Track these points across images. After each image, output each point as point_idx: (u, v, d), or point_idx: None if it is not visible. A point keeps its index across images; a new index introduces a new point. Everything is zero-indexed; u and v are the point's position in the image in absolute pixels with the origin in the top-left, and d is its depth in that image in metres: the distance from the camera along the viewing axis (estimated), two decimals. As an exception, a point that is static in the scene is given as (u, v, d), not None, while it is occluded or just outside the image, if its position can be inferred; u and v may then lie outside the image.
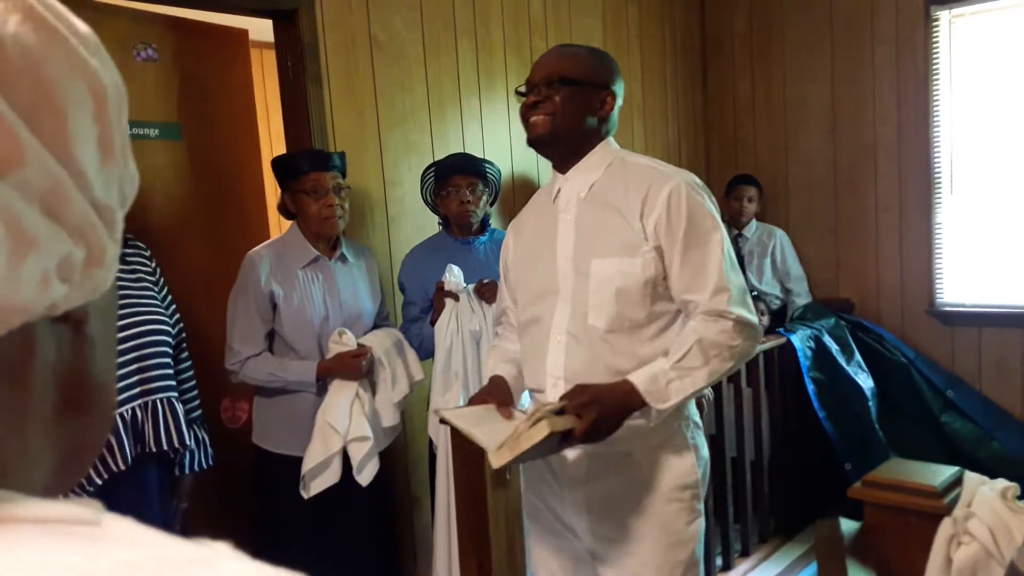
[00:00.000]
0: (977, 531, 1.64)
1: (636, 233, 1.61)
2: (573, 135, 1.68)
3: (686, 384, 1.53)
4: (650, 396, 1.51)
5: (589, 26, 3.76)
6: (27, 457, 0.35)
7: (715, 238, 1.60)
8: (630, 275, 1.60)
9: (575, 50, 1.73)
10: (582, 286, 1.64)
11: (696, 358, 1.54)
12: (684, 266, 1.59)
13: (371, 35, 2.91)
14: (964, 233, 3.85)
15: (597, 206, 1.67)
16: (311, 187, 2.33)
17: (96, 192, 0.35)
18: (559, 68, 1.67)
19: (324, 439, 2.25)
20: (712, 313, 1.56)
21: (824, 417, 3.44)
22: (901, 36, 3.88)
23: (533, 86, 1.69)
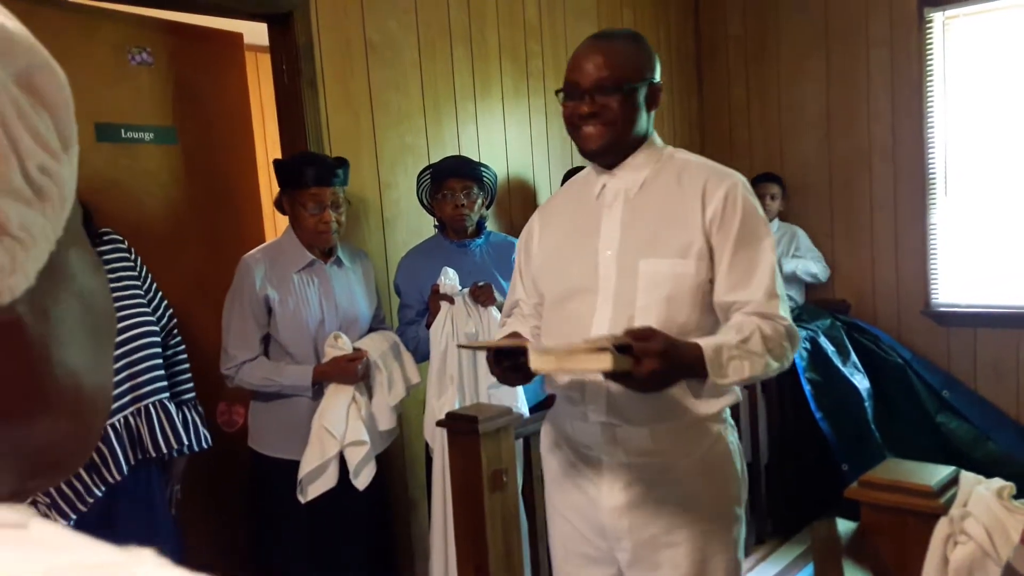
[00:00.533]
0: (973, 531, 1.64)
1: (692, 231, 1.53)
2: (629, 139, 1.59)
3: (744, 366, 1.44)
4: (712, 365, 1.41)
5: (584, 30, 3.77)
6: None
7: (767, 242, 1.55)
8: (683, 277, 1.53)
9: (619, 45, 1.58)
10: (627, 286, 1.56)
11: (758, 344, 1.46)
12: (734, 266, 1.52)
13: (366, 38, 2.91)
14: (959, 234, 3.86)
15: (648, 204, 1.59)
16: (310, 200, 2.31)
17: None
18: (610, 71, 1.54)
19: (320, 443, 2.25)
20: (763, 313, 1.50)
21: (820, 418, 3.45)
22: (895, 38, 3.89)
23: (583, 92, 1.56)
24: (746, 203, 1.55)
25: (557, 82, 3.64)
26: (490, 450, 2.03)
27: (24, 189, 0.34)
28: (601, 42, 1.60)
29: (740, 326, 1.48)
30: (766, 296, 1.51)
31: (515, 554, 2.10)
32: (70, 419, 0.39)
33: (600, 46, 1.59)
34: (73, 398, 0.39)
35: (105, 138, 2.46)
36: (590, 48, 1.59)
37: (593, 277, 1.60)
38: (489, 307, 2.47)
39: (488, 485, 2.02)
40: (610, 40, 1.60)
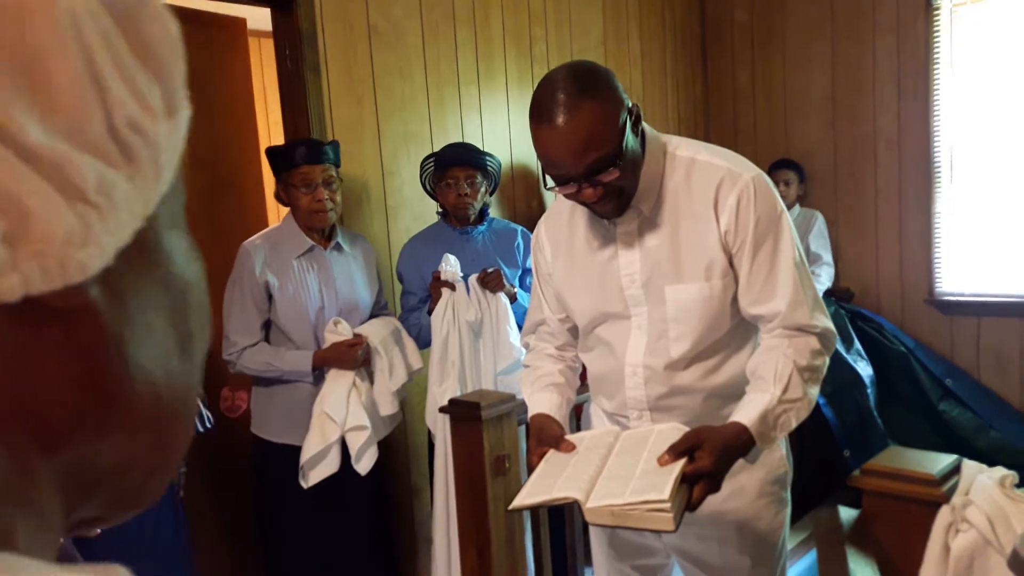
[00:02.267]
0: (975, 519, 1.65)
1: (711, 249, 1.45)
2: (639, 178, 1.47)
3: (790, 419, 1.41)
4: (762, 439, 1.37)
5: (589, 15, 3.75)
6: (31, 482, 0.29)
7: (785, 241, 1.45)
8: (711, 299, 1.47)
9: (584, 116, 1.34)
10: (658, 315, 1.50)
11: (798, 388, 1.41)
12: (753, 275, 1.45)
13: (370, 23, 2.89)
14: (964, 223, 3.85)
15: (662, 220, 1.49)
16: (301, 181, 2.33)
17: (31, 136, 0.26)
18: (596, 151, 1.35)
19: (322, 429, 2.25)
20: (792, 327, 1.44)
21: (823, 404, 3.45)
22: (902, 25, 3.86)
23: (573, 179, 1.39)
24: (760, 204, 1.44)
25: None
26: (493, 436, 2.03)
27: (106, 144, 0.28)
28: (565, 124, 1.34)
29: (776, 369, 1.42)
30: (791, 307, 1.44)
31: (517, 539, 2.11)
32: (148, 434, 0.33)
33: (569, 130, 1.34)
34: (151, 409, 0.32)
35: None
36: (557, 136, 1.35)
37: (621, 302, 1.53)
38: (498, 293, 2.47)
39: (491, 471, 2.03)
40: (574, 115, 1.34)
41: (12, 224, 0.26)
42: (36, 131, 0.26)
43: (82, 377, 0.29)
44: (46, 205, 0.27)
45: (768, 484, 1.60)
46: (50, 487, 0.29)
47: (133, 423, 0.31)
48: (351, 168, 2.76)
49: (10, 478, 0.28)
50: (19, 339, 0.27)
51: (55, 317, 0.28)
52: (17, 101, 0.25)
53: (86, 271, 0.28)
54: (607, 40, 3.81)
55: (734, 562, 1.60)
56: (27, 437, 0.28)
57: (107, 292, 0.30)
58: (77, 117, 0.27)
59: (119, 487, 0.33)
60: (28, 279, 0.26)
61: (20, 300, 0.26)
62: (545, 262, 1.66)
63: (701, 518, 1.57)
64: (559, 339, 1.70)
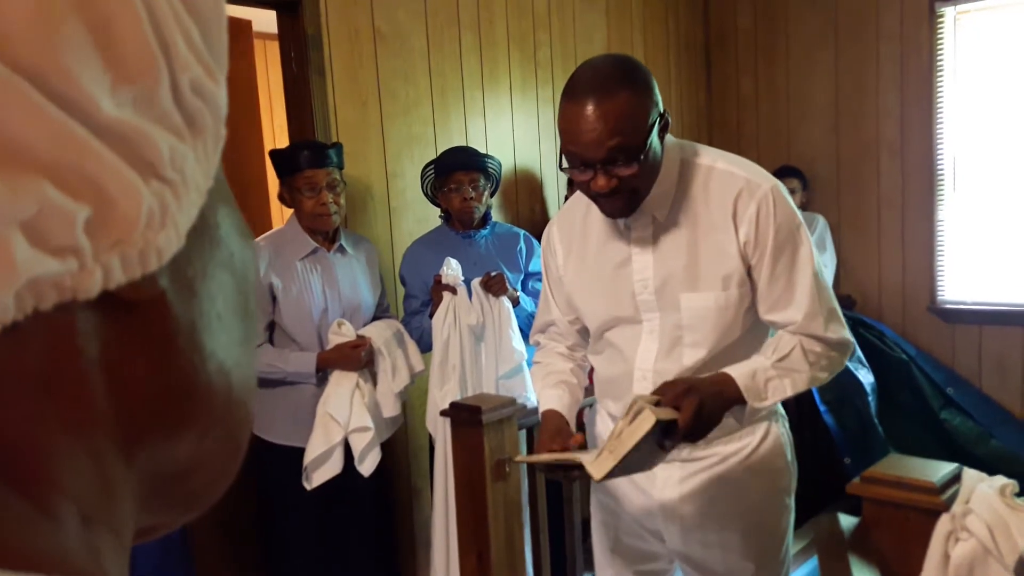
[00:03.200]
0: (975, 528, 1.65)
1: (730, 260, 1.45)
2: (653, 184, 1.46)
3: (785, 384, 1.42)
4: (748, 392, 1.39)
5: (593, 20, 3.76)
6: (111, 490, 0.26)
7: (804, 252, 1.46)
8: (727, 308, 1.46)
9: (619, 102, 1.34)
10: (671, 321, 1.49)
11: (799, 361, 1.43)
12: (772, 284, 1.45)
13: (374, 27, 2.90)
14: (966, 231, 3.85)
15: (678, 227, 1.48)
16: (305, 184, 2.33)
17: (104, 111, 0.23)
18: (621, 138, 1.34)
19: (325, 430, 2.26)
20: (806, 335, 1.45)
21: (824, 411, 3.45)
22: (905, 33, 3.87)
23: (590, 163, 1.38)
24: (779, 214, 1.44)
25: (565, 73, 3.62)
26: (493, 440, 2.03)
27: (175, 115, 0.26)
28: (597, 104, 1.34)
29: (778, 344, 1.45)
30: (807, 317, 1.45)
31: (517, 543, 2.11)
32: (219, 432, 0.30)
33: (599, 111, 1.34)
34: (224, 405, 0.30)
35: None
36: (587, 114, 1.35)
37: (632, 307, 1.52)
38: (500, 297, 2.48)
39: (491, 475, 2.03)
40: (606, 98, 1.34)
41: (95, 210, 0.23)
42: (108, 104, 0.23)
43: (160, 374, 0.27)
44: (125, 186, 0.24)
45: (773, 491, 1.60)
46: (128, 497, 0.27)
47: (209, 419, 0.29)
48: (355, 171, 2.77)
49: (97, 491, 0.26)
50: (95, 336, 0.25)
51: (128, 310, 0.25)
52: (89, 70, 0.22)
53: (163, 257, 0.25)
54: (611, 47, 3.81)
55: (738, 568, 1.59)
56: (109, 443, 0.26)
57: (176, 278, 0.27)
58: (147, 84, 0.24)
59: (186, 490, 0.31)
60: (109, 272, 0.24)
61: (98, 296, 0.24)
62: (556, 264, 1.65)
63: (706, 524, 1.58)
64: (569, 340, 1.70)
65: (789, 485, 1.64)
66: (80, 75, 0.22)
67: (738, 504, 1.57)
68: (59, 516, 0.24)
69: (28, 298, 0.22)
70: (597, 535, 1.76)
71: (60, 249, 0.22)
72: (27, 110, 0.21)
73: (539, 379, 1.68)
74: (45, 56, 0.21)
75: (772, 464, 1.60)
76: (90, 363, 0.25)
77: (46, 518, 0.24)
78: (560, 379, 1.64)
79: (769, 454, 1.60)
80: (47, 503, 0.24)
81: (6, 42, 0.21)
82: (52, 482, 0.24)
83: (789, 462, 1.63)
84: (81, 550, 0.24)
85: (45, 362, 0.24)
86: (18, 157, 0.21)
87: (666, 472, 1.58)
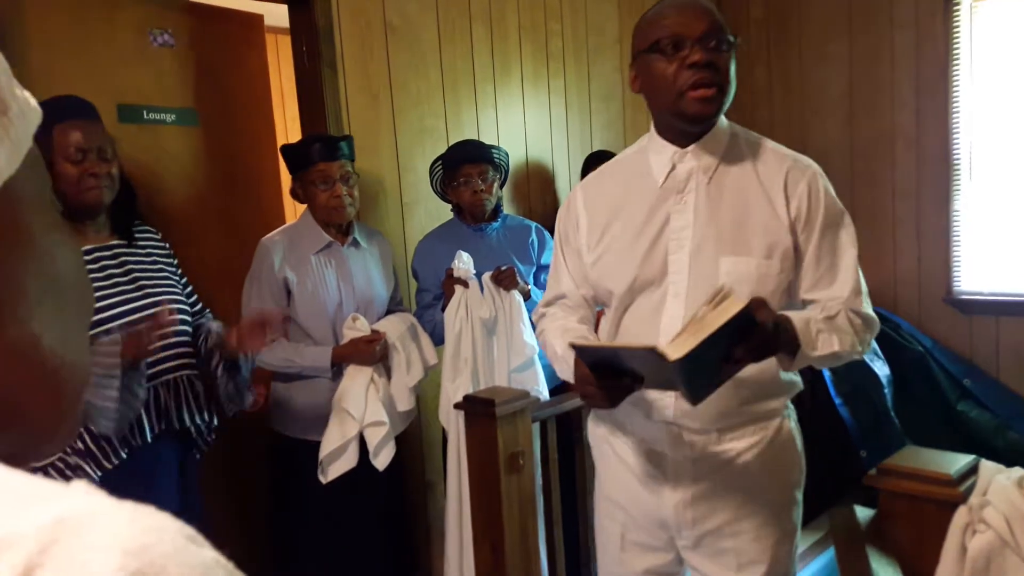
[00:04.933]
0: (992, 520, 1.63)
1: (778, 230, 1.44)
2: (723, 110, 1.45)
3: (833, 340, 1.39)
4: (803, 336, 1.36)
5: (604, 11, 3.74)
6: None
7: (848, 234, 1.50)
8: (767, 278, 1.44)
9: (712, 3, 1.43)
10: (701, 286, 1.44)
11: (845, 323, 1.43)
12: (818, 261, 1.46)
13: (386, 20, 2.90)
14: (983, 221, 3.81)
15: (726, 192, 1.46)
16: (319, 178, 2.34)
17: None
18: (717, 19, 1.39)
19: (341, 424, 2.27)
20: (849, 308, 1.46)
21: (840, 404, 3.43)
22: (921, 21, 3.83)
23: (697, 41, 1.37)
24: (827, 195, 1.49)
25: (577, 64, 3.62)
26: (507, 433, 2.04)
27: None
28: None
29: (825, 306, 1.46)
30: (852, 294, 1.47)
31: (531, 536, 2.11)
32: (28, 375, 0.38)
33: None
34: (29, 351, 0.38)
35: (127, 119, 2.48)
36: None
37: (662, 273, 1.48)
38: (512, 290, 2.48)
39: (505, 468, 2.03)
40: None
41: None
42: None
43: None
44: None
45: (783, 486, 1.61)
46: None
47: (10, 359, 0.37)
48: (367, 164, 2.77)
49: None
50: None
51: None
52: None
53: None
54: (623, 37, 3.79)
55: (749, 564, 1.58)
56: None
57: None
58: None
59: (16, 425, 0.38)
60: None
61: None
62: (576, 232, 1.61)
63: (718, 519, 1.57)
64: (577, 313, 1.64)
65: (799, 479, 1.64)
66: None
67: (751, 499, 1.57)
68: None
69: None
70: (603, 534, 1.73)
71: None
72: None
73: (556, 335, 1.58)
74: None
75: (785, 458, 1.60)
76: None
77: None
78: (580, 334, 1.56)
79: (783, 448, 1.60)
80: None
81: None
82: None
83: (799, 454, 1.64)
84: None
85: None
86: None
87: (681, 462, 1.57)
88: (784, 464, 1.60)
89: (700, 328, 1.18)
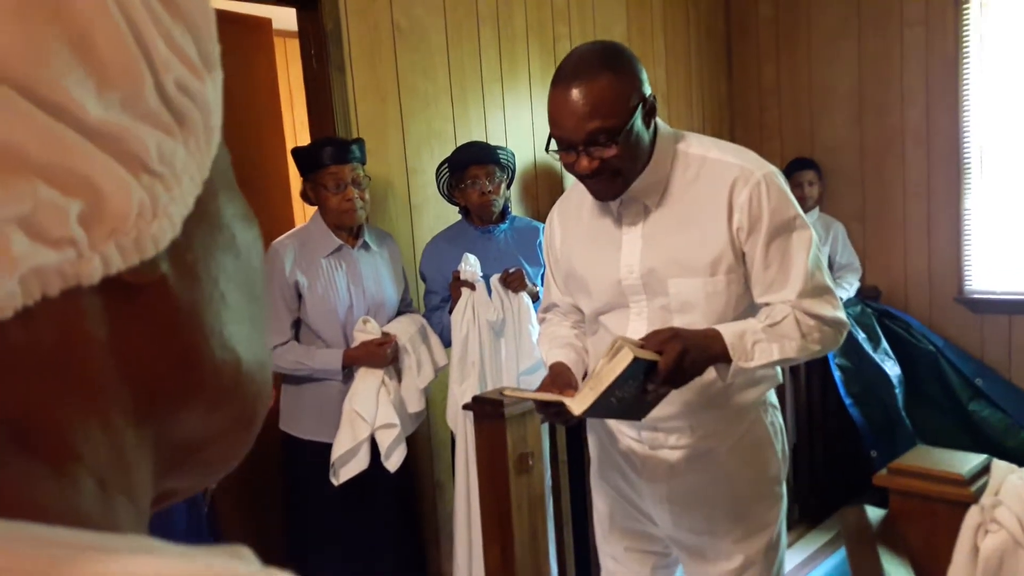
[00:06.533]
0: (1005, 520, 1.62)
1: (720, 245, 1.47)
2: (639, 168, 1.49)
3: (773, 349, 1.42)
4: (734, 350, 1.40)
5: (612, 11, 3.74)
6: (124, 458, 0.28)
7: (802, 237, 1.48)
8: (715, 295, 1.49)
9: (600, 85, 1.40)
10: (659, 304, 1.52)
11: (791, 328, 1.44)
12: (766, 267, 1.48)
13: (394, 22, 2.91)
14: (994, 219, 3.79)
15: (670, 216, 1.51)
16: (330, 181, 2.34)
17: (91, 113, 0.25)
18: (600, 120, 1.40)
19: (352, 427, 2.28)
20: (800, 309, 1.47)
21: (850, 404, 3.42)
22: (931, 18, 3.81)
23: (574, 146, 1.44)
24: (773, 200, 1.46)
25: (585, 65, 3.62)
26: (516, 434, 2.04)
27: (162, 112, 0.28)
28: (578, 87, 1.41)
29: (772, 311, 1.47)
30: (800, 295, 1.46)
31: (540, 537, 2.11)
32: (229, 404, 0.32)
33: (579, 93, 1.40)
34: (232, 379, 0.32)
35: (137, 123, 2.50)
36: (568, 97, 1.41)
37: (619, 292, 1.56)
38: (520, 292, 2.48)
39: (514, 468, 2.03)
40: (587, 81, 1.40)
41: (87, 205, 0.25)
42: (94, 107, 0.25)
43: (164, 349, 0.29)
44: (115, 181, 0.26)
45: (760, 481, 1.63)
46: (143, 465, 0.30)
47: (217, 392, 0.32)
48: (375, 166, 2.78)
49: (111, 459, 0.28)
50: (102, 318, 0.27)
51: (131, 293, 0.28)
52: (72, 78, 0.25)
53: (159, 244, 0.28)
54: (631, 37, 3.79)
55: (726, 553, 1.62)
56: (121, 416, 0.29)
57: (177, 263, 0.29)
58: (130, 87, 0.26)
59: (201, 460, 0.33)
60: (107, 259, 0.26)
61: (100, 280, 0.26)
62: (555, 247, 1.70)
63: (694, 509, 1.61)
64: (570, 319, 1.75)
65: (779, 474, 1.66)
66: (65, 83, 0.24)
67: (726, 490, 1.60)
68: (76, 481, 0.26)
69: (34, 285, 0.25)
70: (597, 515, 1.81)
71: (57, 241, 0.25)
72: (17, 117, 0.23)
73: (545, 342, 1.73)
74: (31, 68, 0.23)
75: (760, 452, 1.62)
76: (99, 343, 0.27)
77: (64, 482, 0.26)
78: (566, 342, 1.68)
79: (758, 442, 1.62)
80: (65, 469, 0.26)
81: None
82: (69, 451, 0.26)
83: (778, 451, 1.65)
84: (96, 510, 0.27)
85: (57, 343, 0.26)
86: (11, 160, 0.23)
87: (655, 458, 1.62)
88: (760, 459, 1.63)
89: (597, 382, 1.31)
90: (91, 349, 0.27)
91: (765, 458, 1.63)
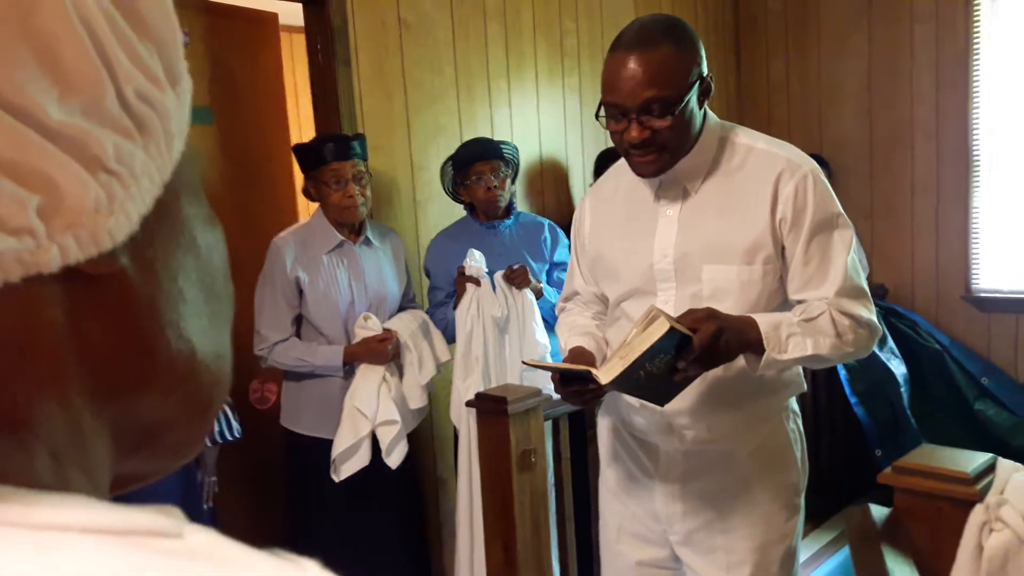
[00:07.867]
0: (1009, 518, 1.62)
1: (761, 234, 1.44)
2: (685, 148, 1.46)
3: (807, 343, 1.39)
4: (768, 340, 1.36)
5: (620, 6, 3.72)
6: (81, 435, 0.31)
7: (841, 235, 1.46)
8: (750, 284, 1.46)
9: (661, 54, 1.37)
10: (689, 292, 1.48)
11: (826, 325, 1.41)
12: (806, 263, 1.44)
13: (400, 17, 2.90)
14: (1003, 216, 3.76)
15: (710, 202, 1.49)
16: (331, 177, 2.34)
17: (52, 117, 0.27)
18: (657, 90, 1.37)
19: (353, 423, 2.28)
20: (836, 308, 1.44)
21: (855, 403, 3.41)
22: (940, 14, 3.78)
23: (628, 115, 1.41)
24: (817, 196, 1.45)
25: (592, 61, 3.60)
26: (519, 430, 2.04)
27: (122, 118, 0.30)
28: (639, 54, 1.38)
29: (808, 307, 1.44)
30: (839, 294, 1.44)
31: (543, 534, 2.11)
32: (184, 391, 0.34)
33: (639, 60, 1.37)
34: (187, 367, 0.34)
35: (142, 118, 2.50)
36: (628, 63, 1.38)
37: (651, 282, 1.52)
38: (524, 289, 2.48)
39: (517, 465, 2.03)
40: (649, 49, 1.38)
41: (45, 199, 0.28)
42: (56, 111, 0.27)
43: (122, 337, 0.32)
44: (73, 179, 0.28)
45: (779, 488, 1.60)
46: (99, 444, 0.32)
47: (170, 379, 0.34)
48: (381, 162, 2.77)
49: (67, 435, 0.30)
50: (62, 305, 0.30)
51: (91, 283, 0.30)
52: (36, 85, 0.27)
53: (115, 238, 0.30)
54: (638, 32, 3.78)
55: (739, 560, 1.58)
56: (78, 396, 0.31)
57: (136, 258, 0.31)
58: (92, 94, 0.29)
59: (160, 445, 0.35)
60: (65, 249, 0.28)
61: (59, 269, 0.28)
62: (583, 232, 1.67)
63: (707, 510, 1.57)
64: (591, 309, 1.73)
65: (798, 483, 1.63)
66: (29, 89, 0.27)
67: (744, 498, 1.56)
68: (32, 451, 0.29)
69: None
70: (603, 525, 1.78)
71: (16, 230, 0.27)
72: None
73: (565, 330, 1.69)
74: None
75: (780, 459, 1.59)
76: (59, 327, 0.30)
77: (21, 451, 0.29)
78: (586, 330, 1.65)
79: (779, 450, 1.59)
80: (22, 440, 0.29)
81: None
82: (27, 425, 0.29)
83: (798, 459, 1.62)
84: (48, 479, 0.29)
85: (19, 325, 0.28)
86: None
87: (670, 458, 1.59)
88: (780, 467, 1.60)
89: (628, 352, 1.26)
90: (51, 332, 0.29)
91: (784, 464, 1.60)
